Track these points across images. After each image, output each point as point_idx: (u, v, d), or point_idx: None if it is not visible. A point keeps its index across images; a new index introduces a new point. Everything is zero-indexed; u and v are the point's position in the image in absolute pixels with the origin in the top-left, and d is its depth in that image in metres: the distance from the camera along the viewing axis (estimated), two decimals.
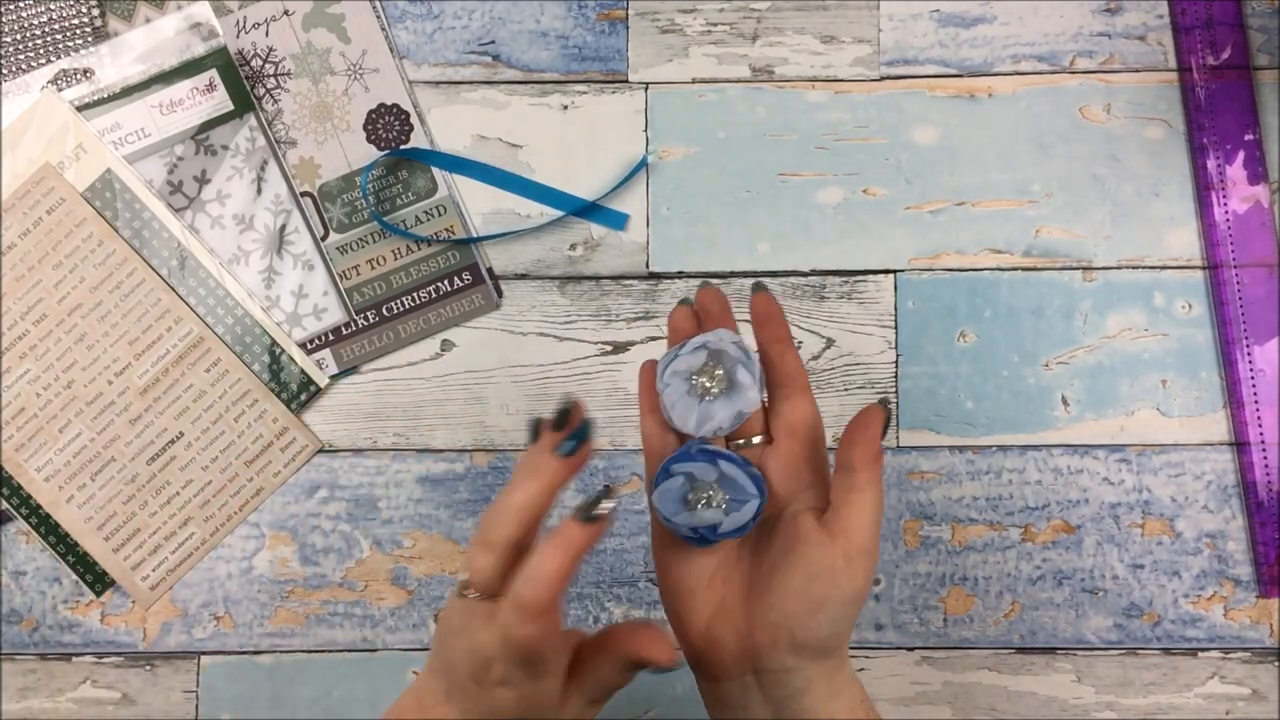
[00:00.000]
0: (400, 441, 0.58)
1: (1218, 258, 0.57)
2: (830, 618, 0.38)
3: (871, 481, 0.38)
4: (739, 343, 0.40)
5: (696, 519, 0.39)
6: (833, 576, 0.37)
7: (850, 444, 0.39)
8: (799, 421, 0.41)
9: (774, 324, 0.41)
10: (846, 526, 0.38)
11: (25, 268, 0.57)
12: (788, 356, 0.41)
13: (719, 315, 0.42)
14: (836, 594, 0.38)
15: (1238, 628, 0.57)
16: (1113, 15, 0.59)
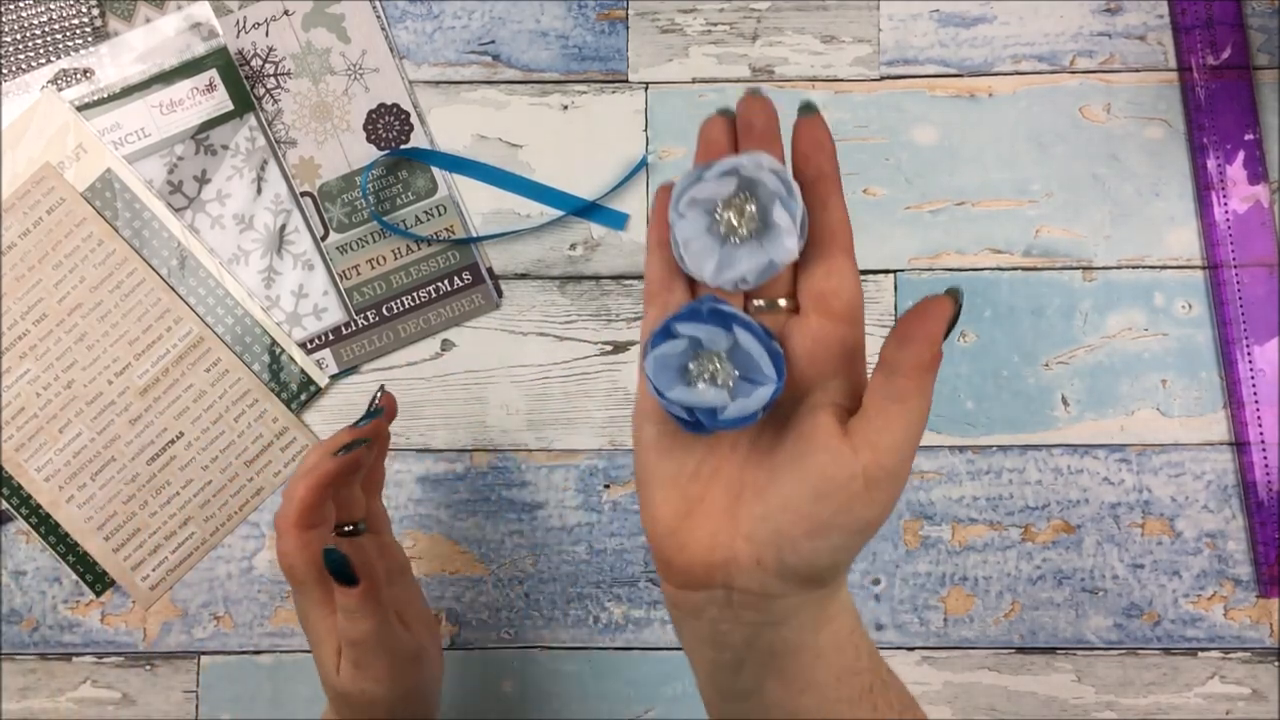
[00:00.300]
0: (400, 441, 0.58)
1: (1218, 257, 0.57)
2: (832, 546, 0.31)
3: (919, 391, 0.31)
4: (781, 173, 0.31)
5: (695, 397, 0.32)
6: (847, 499, 0.30)
7: (902, 339, 0.30)
8: (836, 291, 0.32)
9: (823, 158, 0.32)
10: (876, 441, 0.30)
11: (25, 267, 0.57)
12: (833, 204, 0.32)
13: (762, 136, 0.33)
14: (846, 521, 0.31)
15: (1238, 627, 0.57)
16: (1113, 15, 0.59)
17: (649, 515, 0.33)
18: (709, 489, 0.33)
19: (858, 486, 0.30)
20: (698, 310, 0.32)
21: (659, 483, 0.33)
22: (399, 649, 0.44)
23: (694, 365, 0.32)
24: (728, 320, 0.32)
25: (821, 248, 0.32)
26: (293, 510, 0.42)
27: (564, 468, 0.58)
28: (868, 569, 0.57)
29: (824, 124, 0.32)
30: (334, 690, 0.44)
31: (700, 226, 0.32)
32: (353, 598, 0.42)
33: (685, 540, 0.32)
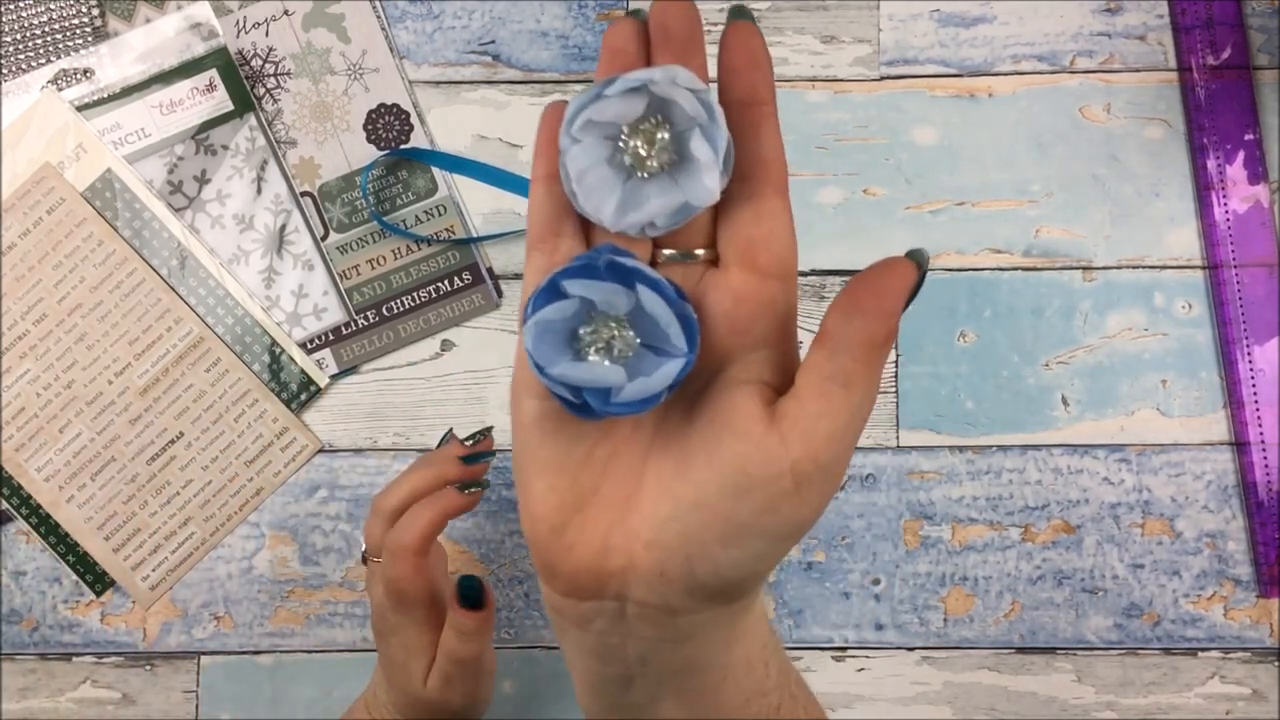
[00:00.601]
0: (400, 441, 0.58)
1: (1218, 257, 0.57)
2: (751, 555, 0.26)
3: (866, 375, 0.25)
4: (702, 94, 0.25)
5: (584, 373, 0.25)
6: (771, 499, 0.25)
7: (850, 309, 0.25)
8: (766, 239, 0.26)
9: (757, 76, 0.26)
10: (810, 430, 0.25)
11: (25, 268, 0.57)
12: (765, 133, 0.26)
13: (682, 45, 0.26)
14: (770, 524, 0.25)
15: (1238, 628, 0.57)
16: (1113, 15, 0.59)
17: (529, 509, 0.27)
18: (604, 479, 0.27)
19: (785, 484, 0.25)
20: (592, 263, 0.25)
21: (542, 470, 0.27)
22: (487, 667, 0.47)
23: (585, 332, 0.26)
24: (629, 276, 0.25)
25: (750, 185, 0.26)
26: (416, 539, 0.44)
27: None
28: (868, 569, 0.57)
29: (758, 33, 0.26)
30: (414, 697, 0.46)
31: (599, 156, 0.26)
32: (474, 621, 0.44)
33: (573, 541, 0.27)
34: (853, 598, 0.57)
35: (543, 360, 0.26)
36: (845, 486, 0.58)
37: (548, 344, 0.26)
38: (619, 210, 0.26)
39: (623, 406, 0.25)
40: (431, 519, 0.44)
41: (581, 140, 0.26)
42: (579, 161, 0.26)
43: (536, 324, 0.26)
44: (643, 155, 0.26)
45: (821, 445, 0.25)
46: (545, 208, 0.27)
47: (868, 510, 0.57)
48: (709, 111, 0.25)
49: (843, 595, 0.57)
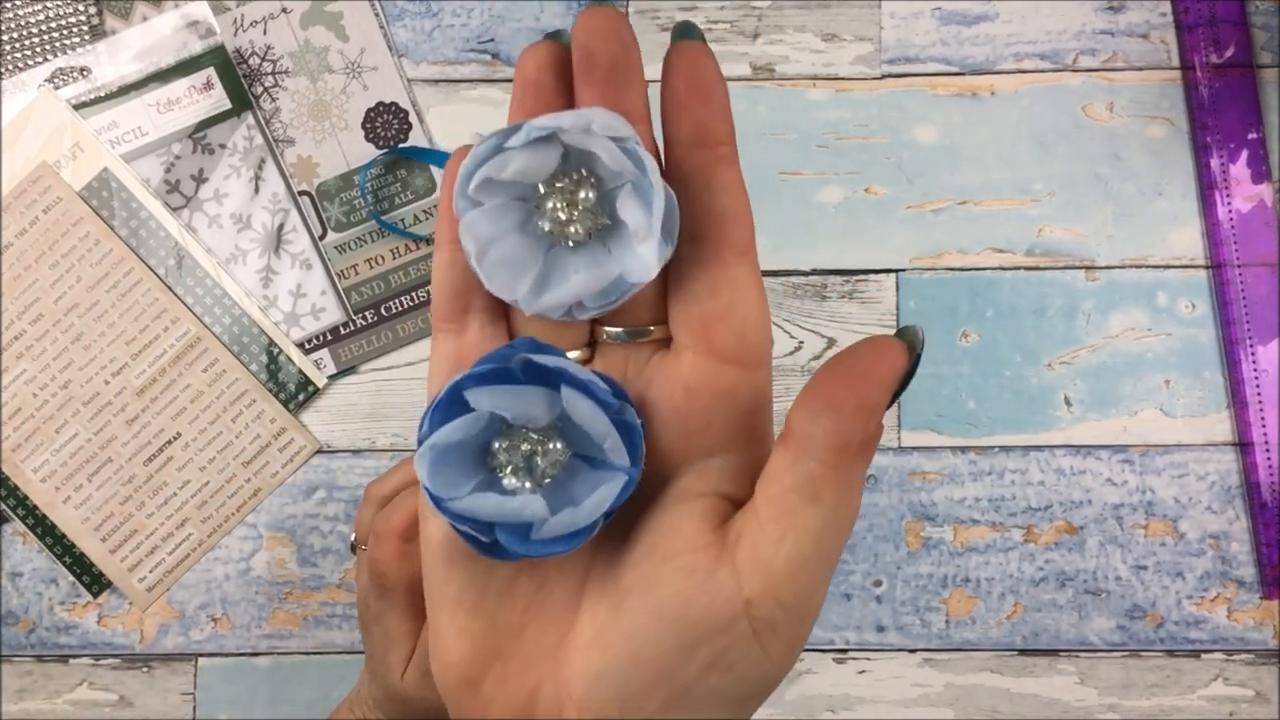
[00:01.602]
0: (399, 442, 0.58)
1: (1221, 257, 0.57)
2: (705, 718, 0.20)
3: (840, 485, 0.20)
4: (626, 142, 0.20)
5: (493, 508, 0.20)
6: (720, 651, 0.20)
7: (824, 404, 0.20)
8: (724, 317, 0.21)
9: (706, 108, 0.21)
10: (768, 559, 0.20)
11: (22, 267, 0.57)
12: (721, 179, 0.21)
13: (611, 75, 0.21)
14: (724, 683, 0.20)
15: (1241, 629, 0.57)
16: (1115, 13, 0.59)
17: (438, 654, 0.22)
18: (530, 618, 0.22)
19: (740, 631, 0.20)
20: (505, 365, 0.21)
21: (453, 608, 0.22)
22: None
23: (499, 448, 0.21)
24: (553, 378, 0.20)
25: (703, 248, 0.21)
26: (401, 522, 0.43)
27: None
28: (869, 570, 0.57)
29: (708, 55, 0.21)
30: (392, 690, 0.45)
31: (507, 223, 0.21)
32: None
33: (493, 696, 0.21)
34: (854, 599, 0.57)
35: (442, 491, 0.20)
36: None
37: (449, 469, 0.20)
38: (535, 288, 0.21)
39: (544, 545, 0.20)
40: (415, 508, 0.44)
41: (483, 203, 0.20)
42: (480, 230, 0.20)
43: (432, 449, 0.20)
44: (563, 220, 0.21)
45: (784, 579, 0.19)
46: (448, 280, 0.22)
47: (869, 511, 0.57)
48: (638, 164, 0.20)
49: (844, 597, 0.57)
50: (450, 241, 0.21)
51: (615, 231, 0.21)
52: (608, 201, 0.21)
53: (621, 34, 0.21)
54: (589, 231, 0.21)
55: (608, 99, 0.21)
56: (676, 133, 0.21)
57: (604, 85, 0.21)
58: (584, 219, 0.21)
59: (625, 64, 0.21)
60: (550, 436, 0.21)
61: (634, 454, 0.21)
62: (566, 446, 0.21)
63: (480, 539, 0.20)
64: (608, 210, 0.21)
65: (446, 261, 0.22)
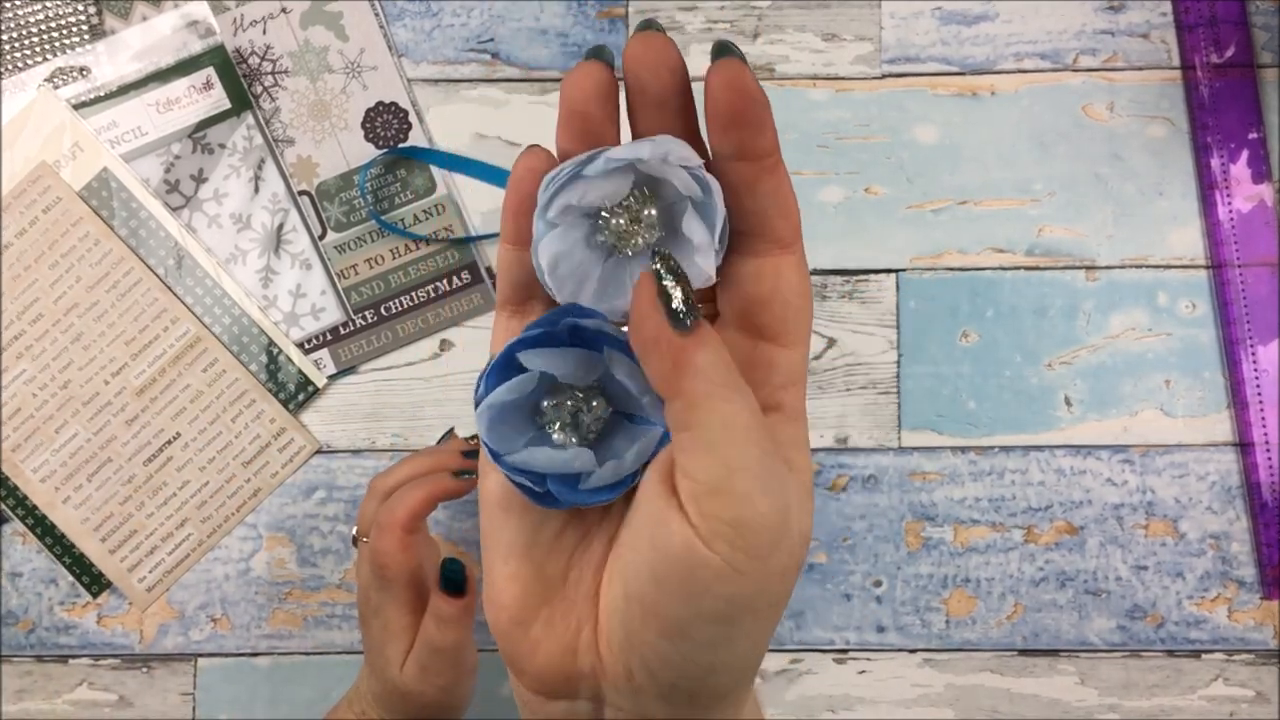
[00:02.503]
0: (399, 442, 0.58)
1: (1221, 257, 0.57)
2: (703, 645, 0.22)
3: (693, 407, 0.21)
4: (695, 169, 0.22)
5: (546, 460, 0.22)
6: (691, 579, 0.21)
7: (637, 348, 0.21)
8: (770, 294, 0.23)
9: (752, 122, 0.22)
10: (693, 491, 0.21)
11: (21, 267, 0.57)
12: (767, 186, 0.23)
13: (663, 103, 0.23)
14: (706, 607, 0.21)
15: (1241, 629, 0.56)
16: (1116, 13, 0.58)
17: (490, 596, 0.24)
18: (573, 566, 0.24)
19: (700, 556, 0.21)
20: (552, 330, 0.23)
21: (506, 554, 0.24)
22: (466, 662, 0.46)
23: (548, 406, 0.23)
24: (596, 340, 0.23)
25: (751, 241, 0.23)
26: (404, 513, 0.44)
27: None
28: (869, 570, 0.57)
29: (748, 70, 0.22)
30: (390, 684, 0.46)
31: (576, 236, 0.23)
32: (455, 607, 0.43)
33: (540, 637, 0.24)
34: (854, 599, 0.57)
35: (499, 446, 0.22)
36: (846, 487, 0.57)
37: (504, 427, 0.23)
38: (597, 296, 0.23)
39: (592, 495, 0.23)
40: (422, 497, 0.44)
41: (559, 223, 0.22)
42: (552, 248, 0.22)
43: (490, 408, 0.22)
44: (626, 234, 0.23)
45: (709, 501, 0.21)
46: (514, 274, 0.24)
47: (869, 511, 0.57)
48: (704, 187, 0.22)
49: (844, 597, 0.57)
50: (516, 242, 0.24)
51: (671, 241, 0.23)
52: (666, 215, 0.23)
53: (671, 64, 0.22)
54: (647, 244, 0.23)
55: (659, 123, 0.23)
56: (721, 149, 0.22)
57: (656, 114, 0.23)
58: (645, 231, 0.23)
59: (673, 94, 0.22)
60: (593, 395, 0.23)
61: None
62: (608, 404, 0.23)
63: (534, 489, 0.23)
64: (664, 223, 0.23)
65: (513, 259, 0.24)
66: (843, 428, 0.57)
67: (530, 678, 0.24)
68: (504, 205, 0.23)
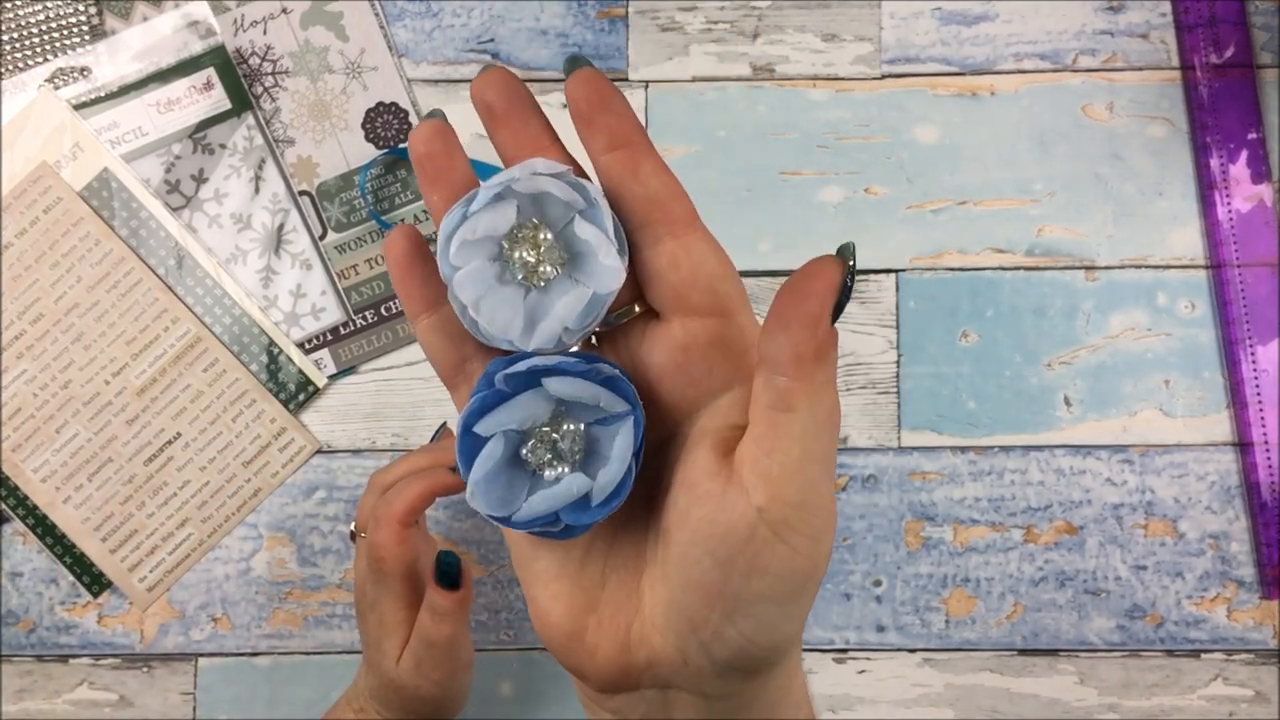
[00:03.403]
0: (399, 442, 0.58)
1: (1221, 257, 0.57)
2: (763, 623, 0.23)
3: (809, 392, 0.22)
4: (566, 174, 0.24)
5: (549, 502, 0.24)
6: (754, 556, 0.22)
7: (775, 322, 0.22)
8: (690, 278, 0.24)
9: (609, 117, 0.24)
10: (765, 470, 0.22)
11: (22, 267, 0.57)
12: (644, 170, 0.24)
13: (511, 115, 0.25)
14: (765, 586, 0.23)
15: (1241, 629, 0.57)
16: (1115, 13, 0.59)
17: (539, 619, 0.26)
18: (609, 572, 0.25)
19: (763, 536, 0.22)
20: (489, 391, 0.24)
21: (545, 579, 0.25)
22: (462, 657, 0.46)
23: (527, 453, 0.24)
24: (532, 378, 0.24)
25: (651, 230, 0.24)
26: (401, 507, 0.44)
27: None
28: (869, 570, 0.57)
29: (600, 75, 0.24)
30: (386, 678, 0.46)
31: (488, 279, 0.24)
32: (450, 601, 0.44)
33: (594, 643, 0.25)
34: (854, 599, 0.57)
35: (504, 512, 0.24)
36: (846, 487, 0.57)
37: (499, 489, 0.24)
38: (526, 330, 0.24)
39: (603, 507, 0.24)
40: (419, 491, 0.45)
41: (463, 265, 0.23)
42: (467, 289, 0.23)
43: (477, 485, 0.24)
44: (532, 263, 0.24)
45: (784, 482, 0.22)
46: (437, 345, 0.25)
47: (869, 511, 0.57)
48: (582, 191, 0.23)
49: (844, 596, 0.57)
50: (425, 310, 0.25)
51: (576, 262, 0.24)
52: (564, 238, 0.24)
53: (509, 84, 0.24)
54: (555, 267, 0.24)
55: (516, 133, 0.24)
56: (594, 143, 0.24)
57: (509, 124, 0.24)
58: (549, 256, 0.24)
59: (520, 105, 0.25)
60: (560, 422, 0.24)
61: (627, 396, 0.24)
62: (576, 423, 0.24)
63: (552, 530, 0.24)
64: (563, 246, 0.24)
65: (429, 326, 0.25)
66: (842, 427, 0.57)
67: (595, 681, 0.25)
68: (396, 287, 0.25)
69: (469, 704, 0.57)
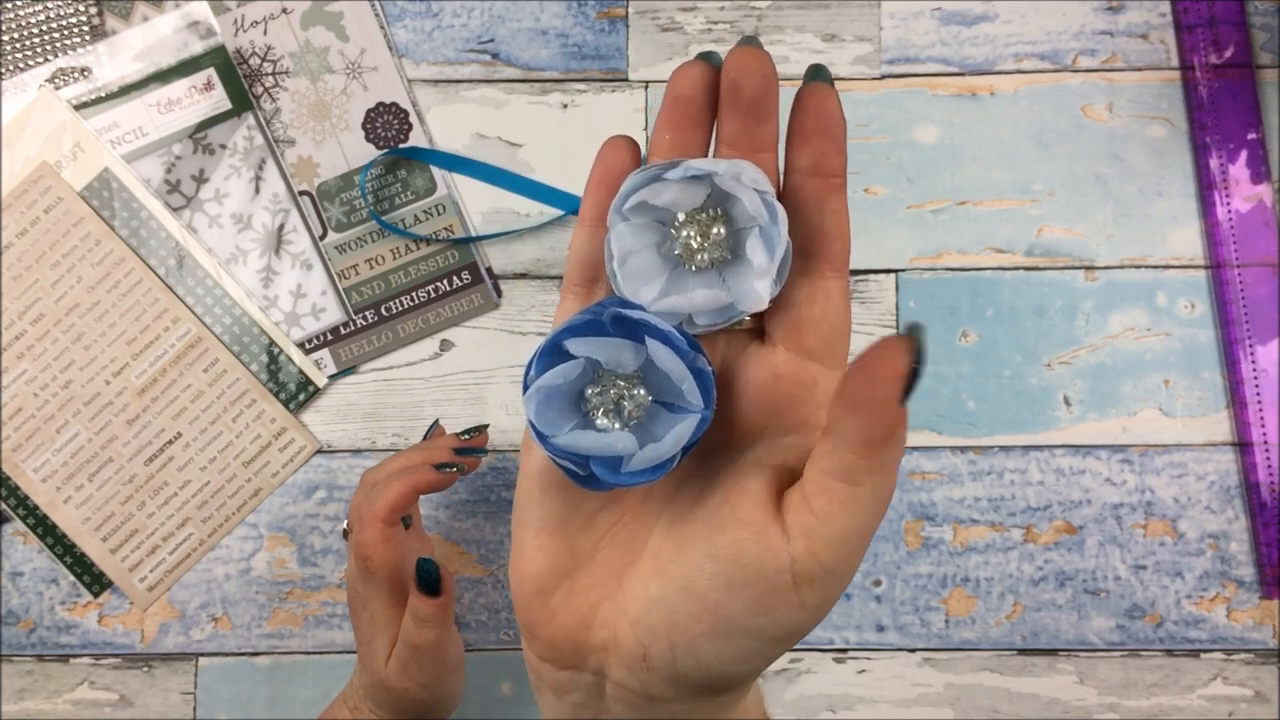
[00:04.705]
0: (399, 442, 0.58)
1: (1220, 257, 0.57)
2: (739, 654, 0.24)
3: (873, 471, 0.22)
4: (767, 195, 0.24)
5: (590, 443, 0.24)
6: (767, 596, 0.23)
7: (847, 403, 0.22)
8: (817, 321, 0.25)
9: (827, 143, 0.24)
10: (814, 528, 0.23)
11: (23, 267, 0.57)
12: (831, 207, 0.24)
13: (752, 108, 0.24)
14: (763, 625, 0.23)
15: (1240, 629, 0.57)
16: (1115, 14, 0.59)
17: (517, 565, 0.26)
18: (602, 546, 0.26)
19: (783, 582, 0.23)
20: (597, 319, 0.24)
21: (538, 528, 0.26)
22: (449, 660, 0.46)
23: (592, 393, 0.25)
24: (637, 329, 0.24)
25: (807, 262, 0.25)
26: (385, 505, 0.44)
27: None
28: (869, 570, 0.57)
29: (834, 96, 0.24)
30: (377, 678, 0.46)
31: (647, 240, 0.25)
32: (431, 607, 0.44)
33: (558, 607, 0.25)
34: (853, 599, 0.57)
35: (546, 428, 0.24)
36: None
37: (552, 410, 0.24)
38: (658, 298, 0.24)
39: (632, 476, 0.24)
40: (402, 489, 0.45)
41: (630, 220, 0.24)
42: (625, 242, 0.24)
43: (538, 391, 0.24)
44: (694, 248, 0.24)
45: (824, 546, 0.23)
46: (585, 252, 0.26)
47: None
48: (771, 213, 0.23)
49: (844, 596, 0.57)
50: (593, 219, 0.25)
51: (733, 265, 0.25)
52: (733, 239, 0.25)
53: (766, 73, 0.24)
54: (712, 261, 0.25)
55: (747, 127, 0.24)
56: (798, 160, 0.24)
57: (745, 115, 0.24)
58: (712, 250, 0.24)
59: (765, 99, 0.24)
60: (635, 383, 0.25)
61: (706, 396, 0.24)
62: (648, 393, 0.25)
63: (577, 471, 0.24)
64: (731, 246, 0.25)
65: (587, 235, 0.25)
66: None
67: (542, 644, 0.26)
68: (588, 183, 0.25)
69: (469, 704, 0.57)
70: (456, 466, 0.46)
